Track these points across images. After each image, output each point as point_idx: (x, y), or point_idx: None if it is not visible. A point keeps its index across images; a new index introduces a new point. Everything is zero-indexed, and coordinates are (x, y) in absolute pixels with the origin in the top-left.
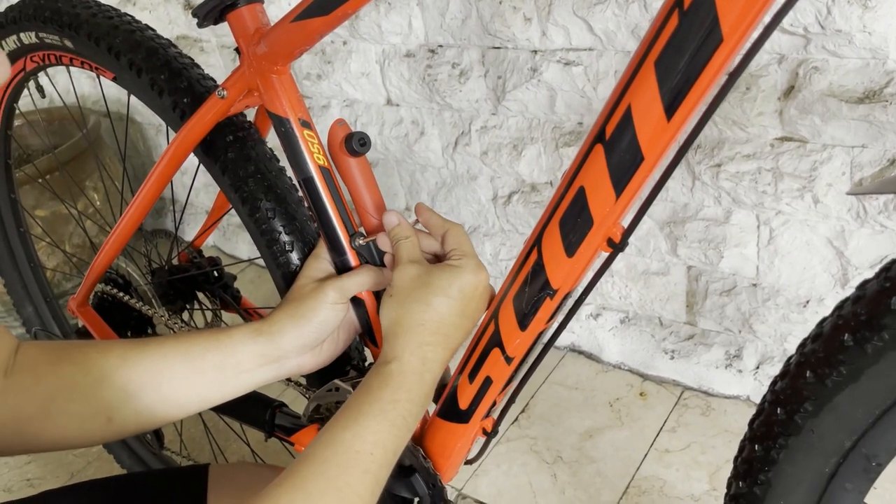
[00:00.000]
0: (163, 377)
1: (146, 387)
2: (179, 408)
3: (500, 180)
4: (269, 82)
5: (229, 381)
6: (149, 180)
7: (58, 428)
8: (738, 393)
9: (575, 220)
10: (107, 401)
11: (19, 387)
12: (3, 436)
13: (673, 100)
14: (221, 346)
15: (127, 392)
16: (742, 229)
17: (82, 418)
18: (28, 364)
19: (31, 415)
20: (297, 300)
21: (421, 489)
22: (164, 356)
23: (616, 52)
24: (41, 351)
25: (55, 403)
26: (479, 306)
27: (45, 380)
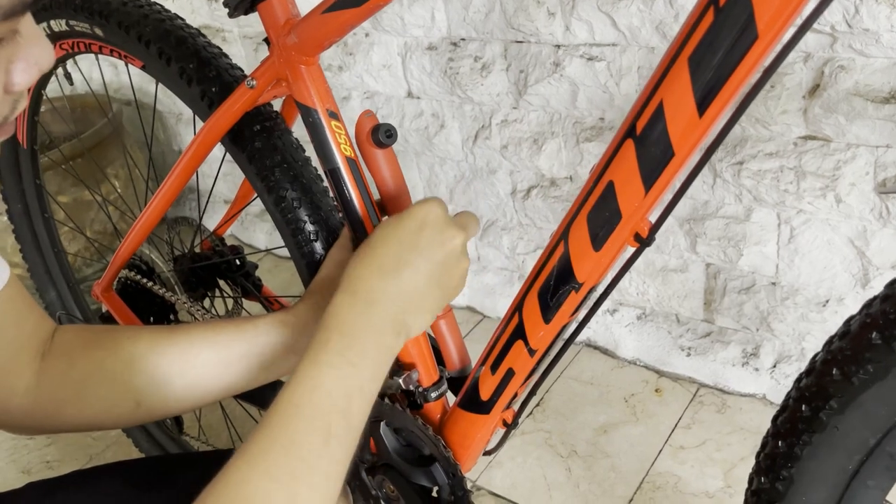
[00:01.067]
0: (190, 364)
1: (173, 373)
2: (205, 395)
3: (520, 174)
4: (298, 73)
5: (254, 371)
6: (175, 169)
7: (89, 410)
8: (755, 391)
9: (603, 214)
10: (135, 386)
11: (54, 370)
12: (39, 417)
13: (705, 96)
14: (247, 335)
15: (154, 378)
16: (762, 227)
17: (112, 402)
18: (63, 348)
19: (65, 397)
20: (321, 291)
21: (441, 478)
22: (192, 344)
23: (640, 47)
24: (75, 335)
25: (87, 387)
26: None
27: (78, 364)
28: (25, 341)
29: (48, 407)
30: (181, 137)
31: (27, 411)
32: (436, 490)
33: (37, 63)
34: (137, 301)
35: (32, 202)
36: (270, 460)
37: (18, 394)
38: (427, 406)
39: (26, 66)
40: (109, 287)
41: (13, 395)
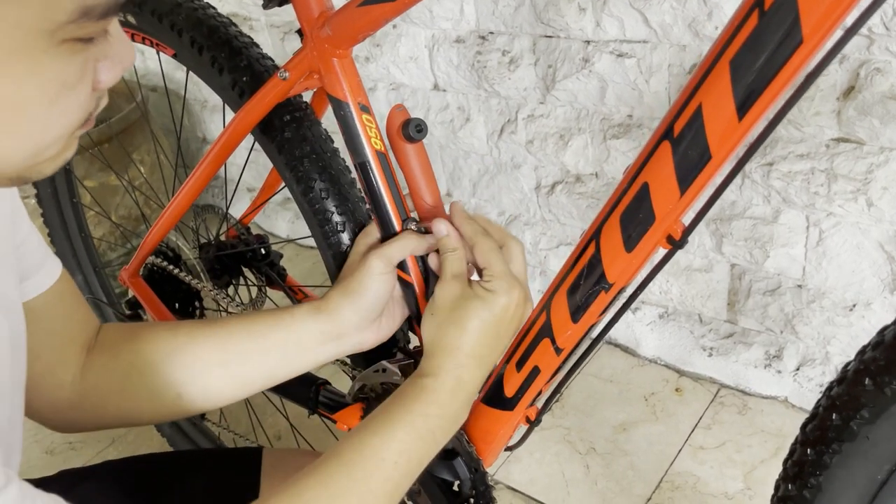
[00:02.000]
0: (229, 355)
1: (213, 364)
2: (245, 385)
3: (545, 170)
4: (331, 66)
5: (293, 359)
6: (206, 158)
7: (132, 403)
8: (777, 393)
9: (636, 216)
10: (176, 378)
11: (99, 364)
12: (84, 410)
13: (745, 100)
14: (284, 324)
15: (194, 370)
16: (790, 229)
17: (154, 394)
18: (107, 342)
19: (109, 390)
20: (348, 276)
21: (462, 472)
22: (230, 335)
23: (671, 45)
24: (118, 330)
25: (130, 380)
26: (512, 326)
27: (121, 357)
28: (74, 336)
29: (93, 400)
30: (206, 124)
31: (74, 405)
32: (457, 484)
33: (121, 62)
34: (163, 287)
35: (61, 186)
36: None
37: (66, 387)
38: None
39: (112, 64)
40: (136, 273)
41: (61, 389)
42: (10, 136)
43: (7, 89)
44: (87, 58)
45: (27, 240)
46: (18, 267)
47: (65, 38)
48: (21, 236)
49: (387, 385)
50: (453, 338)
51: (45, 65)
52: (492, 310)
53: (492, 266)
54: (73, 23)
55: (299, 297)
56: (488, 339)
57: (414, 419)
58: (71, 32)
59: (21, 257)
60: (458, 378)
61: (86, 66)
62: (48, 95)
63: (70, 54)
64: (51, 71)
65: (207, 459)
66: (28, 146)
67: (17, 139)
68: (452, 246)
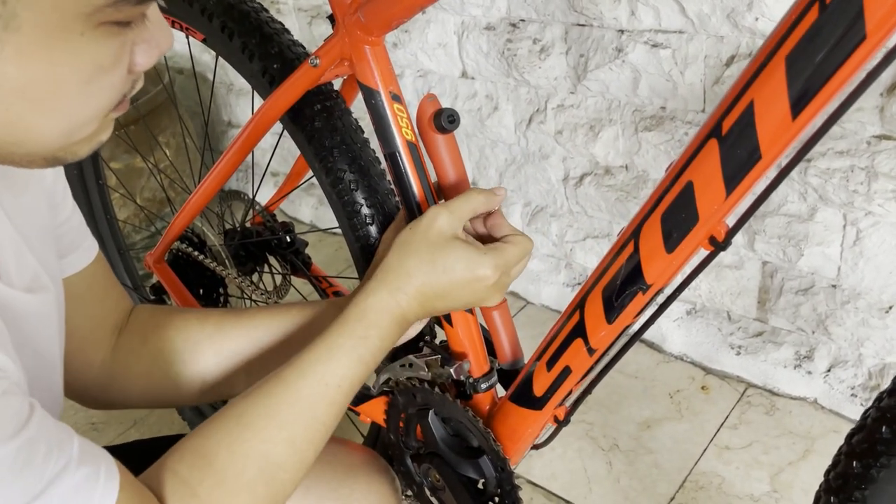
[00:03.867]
0: (254, 347)
1: (238, 356)
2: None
3: (573, 161)
4: (362, 53)
5: None
6: (234, 144)
7: (159, 387)
8: (806, 394)
9: (679, 216)
10: (202, 367)
11: (128, 346)
12: (111, 391)
13: (801, 97)
14: (309, 322)
15: (220, 360)
16: (826, 228)
17: (180, 381)
18: (138, 326)
19: (137, 373)
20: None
21: (488, 471)
22: (256, 328)
23: (708, 36)
24: (150, 314)
25: (157, 365)
26: (468, 298)
27: (149, 342)
28: (106, 316)
29: (120, 381)
30: (231, 108)
31: (102, 384)
32: (482, 482)
33: (158, 45)
34: (188, 273)
35: (87, 168)
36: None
37: (96, 366)
38: (476, 397)
39: (148, 48)
40: (161, 258)
41: (91, 368)
42: (45, 115)
43: (43, 69)
44: (123, 41)
45: (70, 218)
46: (58, 244)
47: (102, 21)
48: (65, 214)
49: (412, 380)
50: (415, 265)
51: (81, 46)
52: (467, 268)
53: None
54: (110, 6)
55: (323, 287)
56: (441, 289)
57: (356, 343)
58: (108, 16)
59: (62, 235)
60: (397, 302)
61: (122, 49)
62: (83, 76)
63: (107, 37)
64: (87, 53)
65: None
66: (62, 126)
67: (52, 118)
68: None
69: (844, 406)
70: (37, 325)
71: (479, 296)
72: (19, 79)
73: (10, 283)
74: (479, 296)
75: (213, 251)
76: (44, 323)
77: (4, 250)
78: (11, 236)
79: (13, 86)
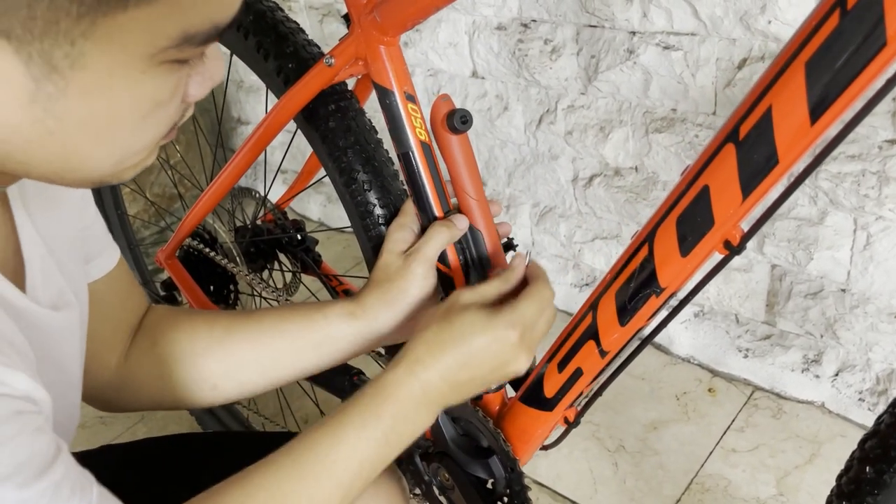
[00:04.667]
0: (264, 351)
1: (248, 359)
2: (278, 379)
3: (583, 162)
4: (377, 53)
5: (324, 357)
6: (248, 142)
7: (168, 390)
8: (813, 398)
9: (694, 219)
10: (212, 370)
11: (140, 348)
12: (124, 393)
13: (820, 103)
14: (318, 325)
15: (229, 363)
16: (836, 232)
17: (190, 383)
18: (150, 327)
19: (149, 375)
20: (387, 281)
21: (498, 471)
22: (264, 332)
23: (720, 38)
24: (161, 316)
25: (167, 367)
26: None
27: (160, 344)
28: (125, 319)
29: (132, 384)
30: (241, 105)
31: (114, 386)
32: (491, 482)
33: (211, 78)
34: (199, 269)
35: None
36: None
37: (110, 370)
38: (486, 397)
39: (202, 80)
40: (173, 254)
41: (105, 371)
42: (101, 146)
43: (104, 105)
44: (180, 76)
45: (93, 224)
46: (82, 250)
47: (163, 60)
48: (88, 220)
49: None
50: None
51: (142, 84)
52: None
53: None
54: (174, 47)
55: (333, 285)
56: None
57: (365, 421)
58: (170, 56)
59: (85, 240)
60: (415, 375)
61: (179, 84)
62: (142, 112)
63: (166, 74)
64: (147, 89)
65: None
66: (115, 156)
67: (107, 149)
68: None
69: (852, 410)
70: (60, 341)
71: (503, 358)
72: (80, 114)
73: (36, 300)
74: (503, 358)
75: (225, 248)
76: (67, 340)
77: (33, 268)
78: (41, 253)
79: (74, 120)
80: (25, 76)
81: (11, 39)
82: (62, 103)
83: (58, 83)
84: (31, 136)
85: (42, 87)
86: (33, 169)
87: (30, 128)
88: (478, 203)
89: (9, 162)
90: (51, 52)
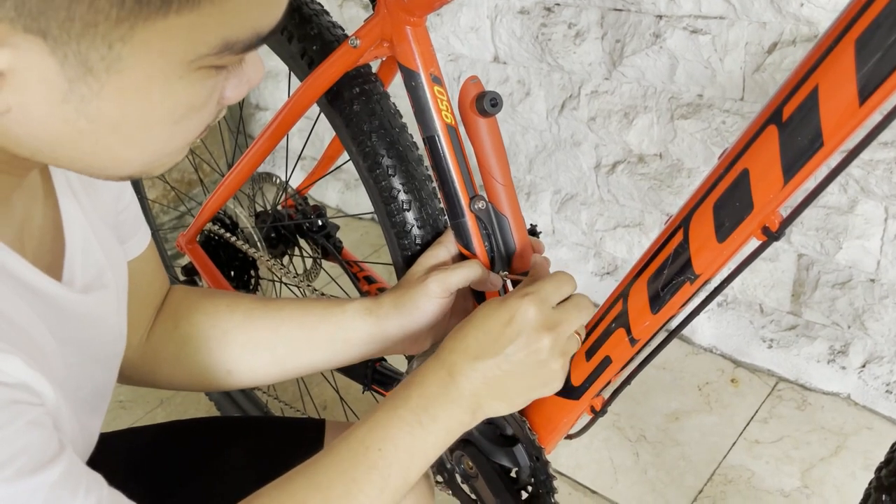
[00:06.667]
0: (279, 340)
1: (264, 347)
2: (292, 370)
3: (606, 148)
4: (403, 34)
5: (338, 353)
6: (269, 127)
7: (185, 372)
8: (839, 390)
9: (733, 204)
10: (228, 355)
11: (161, 329)
12: (141, 371)
13: (869, 82)
14: (334, 319)
15: (246, 349)
16: (867, 221)
17: (206, 367)
18: (171, 308)
19: (167, 355)
20: (406, 287)
21: (523, 460)
22: (283, 321)
23: (750, 22)
24: (182, 297)
25: (185, 350)
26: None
27: (180, 325)
28: (150, 300)
29: (150, 362)
30: (259, 90)
31: (134, 364)
32: (515, 471)
33: (248, 81)
34: (219, 255)
35: None
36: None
37: (132, 348)
38: None
39: (239, 83)
40: (194, 239)
41: (128, 349)
42: (131, 147)
43: (136, 109)
44: (217, 81)
45: (129, 207)
46: (120, 231)
47: (201, 66)
48: (124, 202)
49: None
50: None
51: (178, 89)
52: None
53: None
54: (213, 55)
55: (354, 271)
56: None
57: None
58: (209, 62)
59: (121, 223)
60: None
61: (215, 88)
62: (175, 116)
63: (203, 79)
64: (183, 95)
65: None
66: (146, 156)
67: (139, 151)
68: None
69: (879, 402)
70: (91, 324)
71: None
72: (114, 116)
73: (71, 284)
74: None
75: (245, 233)
76: (100, 321)
77: (74, 247)
78: (84, 233)
79: (107, 122)
80: (59, 76)
81: (48, 39)
82: (95, 105)
83: (92, 85)
84: (60, 134)
85: (76, 87)
86: (61, 163)
87: (60, 126)
88: (505, 188)
89: (37, 155)
90: (87, 54)
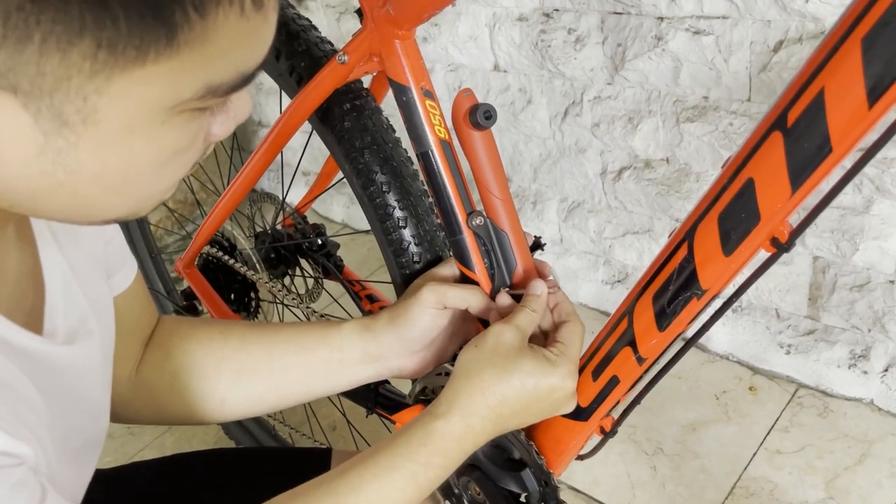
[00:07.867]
0: (274, 366)
1: (258, 373)
2: (288, 397)
3: (611, 154)
4: (392, 48)
5: (333, 376)
6: (262, 146)
7: (179, 403)
8: (861, 395)
9: (738, 215)
10: (223, 383)
11: (153, 360)
12: (135, 406)
13: (878, 83)
14: (330, 339)
15: (241, 376)
16: (884, 221)
17: (200, 397)
18: (162, 338)
19: (160, 387)
20: (402, 300)
21: (531, 485)
22: (277, 345)
23: (754, 21)
24: (174, 327)
25: (179, 380)
26: (545, 410)
27: (173, 355)
28: (139, 333)
29: (143, 397)
30: (261, 108)
31: (127, 400)
32: (524, 496)
33: (235, 117)
34: (219, 278)
35: None
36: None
37: (122, 383)
38: None
39: (226, 118)
40: (192, 263)
41: (117, 384)
42: (116, 196)
43: (118, 158)
44: (202, 122)
45: (113, 240)
46: (105, 265)
47: (184, 110)
48: (108, 235)
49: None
50: (487, 380)
51: (161, 135)
52: (541, 380)
53: (569, 346)
54: (197, 99)
55: (356, 290)
56: (517, 405)
57: (415, 469)
58: (192, 105)
59: (107, 255)
60: (469, 426)
61: (200, 129)
62: (159, 161)
63: (187, 122)
64: (166, 139)
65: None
66: (133, 202)
67: (124, 198)
68: (535, 308)
69: None
70: (77, 375)
71: (556, 406)
72: (94, 167)
73: (53, 337)
74: (556, 406)
75: (244, 255)
76: (85, 372)
77: (55, 296)
78: (65, 277)
79: (87, 173)
80: (34, 129)
81: (19, 94)
82: (73, 157)
83: (68, 137)
84: (38, 186)
85: (51, 140)
86: (41, 215)
87: (38, 179)
88: (503, 202)
89: (16, 207)
90: (61, 108)
